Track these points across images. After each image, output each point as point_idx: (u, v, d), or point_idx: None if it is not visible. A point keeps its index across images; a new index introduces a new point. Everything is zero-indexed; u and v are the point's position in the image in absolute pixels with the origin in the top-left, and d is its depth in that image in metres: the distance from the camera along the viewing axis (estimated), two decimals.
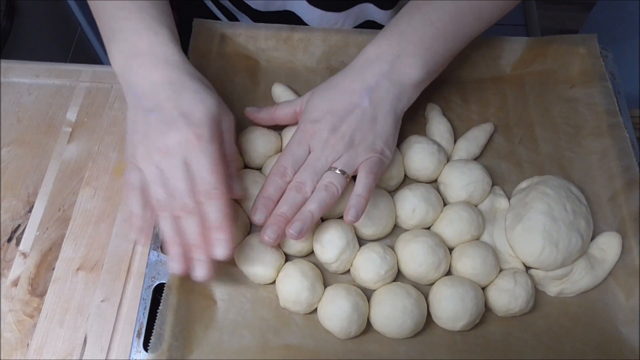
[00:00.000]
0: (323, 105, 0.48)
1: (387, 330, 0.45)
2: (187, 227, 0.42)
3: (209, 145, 0.42)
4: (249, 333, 0.45)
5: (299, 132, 0.48)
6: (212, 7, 0.70)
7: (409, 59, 0.48)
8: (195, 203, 0.41)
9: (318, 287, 0.46)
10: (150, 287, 0.46)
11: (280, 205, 0.45)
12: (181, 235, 0.42)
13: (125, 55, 0.45)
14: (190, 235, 0.42)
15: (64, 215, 0.52)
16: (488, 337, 0.47)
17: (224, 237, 0.42)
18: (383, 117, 0.47)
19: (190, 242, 0.42)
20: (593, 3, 1.40)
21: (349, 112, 0.47)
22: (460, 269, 0.48)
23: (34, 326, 0.46)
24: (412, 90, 0.49)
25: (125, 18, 0.45)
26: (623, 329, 0.47)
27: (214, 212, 0.41)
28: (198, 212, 0.41)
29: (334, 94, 0.48)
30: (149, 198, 0.42)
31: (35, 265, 0.49)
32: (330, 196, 0.45)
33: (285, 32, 0.59)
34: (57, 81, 0.61)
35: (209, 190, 0.41)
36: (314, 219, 0.44)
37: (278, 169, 0.46)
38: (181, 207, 0.41)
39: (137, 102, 0.44)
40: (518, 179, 0.54)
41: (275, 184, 0.46)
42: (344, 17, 0.62)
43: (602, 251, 0.49)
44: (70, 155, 0.56)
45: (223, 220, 0.41)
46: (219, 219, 0.41)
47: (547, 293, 0.49)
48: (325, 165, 0.46)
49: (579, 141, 0.57)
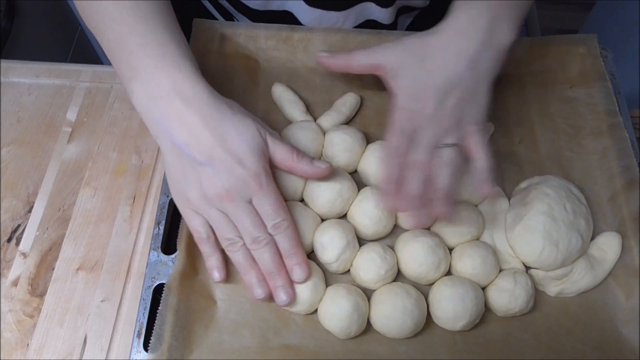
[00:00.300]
0: (421, 79, 0.45)
1: (387, 330, 0.45)
2: (262, 257, 0.44)
3: (267, 182, 0.43)
4: (249, 333, 0.45)
5: (402, 111, 0.45)
6: (210, 7, 0.70)
7: (504, 22, 0.45)
8: (267, 234, 0.44)
9: (319, 287, 0.46)
10: (150, 287, 0.46)
11: (410, 186, 0.44)
12: (256, 264, 0.45)
13: (151, 96, 0.43)
14: (266, 264, 0.44)
15: (64, 215, 0.52)
16: (488, 337, 0.47)
17: (299, 260, 0.45)
18: (483, 87, 0.46)
19: (267, 270, 0.44)
20: (593, 3, 1.40)
21: (451, 85, 0.44)
22: (460, 269, 0.48)
23: (33, 326, 0.46)
24: (505, 55, 0.47)
25: (147, 56, 0.43)
26: (623, 329, 0.47)
27: (285, 242, 0.44)
28: (270, 242, 0.44)
29: (431, 66, 0.45)
30: (219, 239, 0.45)
31: (35, 265, 0.49)
32: (456, 171, 0.44)
33: (285, 32, 0.59)
34: (57, 81, 0.61)
35: (277, 224, 0.44)
36: (452, 197, 0.44)
37: (392, 151, 0.45)
38: (252, 241, 0.43)
39: (180, 150, 0.42)
40: (518, 179, 0.54)
41: (396, 165, 0.44)
42: (344, 16, 0.62)
43: (602, 251, 0.49)
44: (70, 155, 0.56)
45: (295, 246, 0.45)
46: (292, 246, 0.44)
47: (547, 293, 0.49)
48: (437, 142, 0.44)
49: (579, 141, 0.57)
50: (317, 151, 0.53)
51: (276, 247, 0.44)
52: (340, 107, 0.57)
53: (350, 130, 0.53)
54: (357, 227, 0.49)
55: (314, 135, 0.53)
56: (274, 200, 0.44)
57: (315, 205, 0.50)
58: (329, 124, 0.55)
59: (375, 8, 0.61)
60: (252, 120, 0.45)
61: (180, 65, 0.43)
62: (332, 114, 0.56)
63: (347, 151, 0.52)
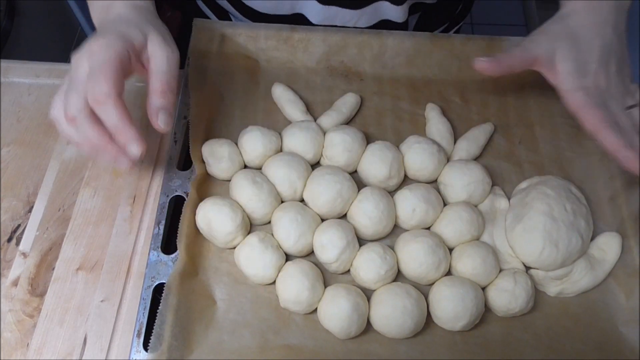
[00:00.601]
0: (580, 58, 0.47)
1: (387, 330, 0.45)
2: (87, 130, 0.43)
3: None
4: (249, 333, 0.45)
5: (579, 91, 0.46)
6: (207, 12, 0.70)
7: None
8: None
9: (318, 287, 0.46)
10: (150, 287, 0.46)
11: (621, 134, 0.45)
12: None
13: (105, 9, 0.48)
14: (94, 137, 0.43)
15: (64, 215, 0.52)
16: (488, 337, 0.47)
17: (128, 137, 0.42)
18: (624, 47, 0.48)
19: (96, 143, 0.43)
20: None
21: (607, 53, 0.47)
22: (460, 269, 0.48)
23: (33, 326, 0.46)
24: (626, 18, 0.49)
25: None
26: (623, 329, 0.47)
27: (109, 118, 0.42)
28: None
29: (584, 44, 0.47)
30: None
31: (35, 265, 0.49)
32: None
33: (286, 32, 0.59)
34: (57, 81, 0.61)
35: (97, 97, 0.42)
36: None
37: (606, 120, 0.45)
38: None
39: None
40: (518, 179, 0.54)
41: (616, 132, 0.45)
42: (359, 15, 0.62)
43: (602, 251, 0.49)
44: (70, 155, 0.56)
45: (120, 123, 0.42)
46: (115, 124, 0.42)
47: (547, 293, 0.49)
48: (623, 107, 0.46)
49: (579, 141, 0.57)
50: (317, 151, 0.53)
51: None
52: (340, 107, 0.57)
53: (350, 130, 0.53)
54: (357, 227, 0.49)
55: (314, 135, 0.53)
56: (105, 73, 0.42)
57: (315, 205, 0.50)
58: (329, 124, 0.55)
59: (389, 6, 0.61)
60: (157, 31, 0.46)
61: None
62: (332, 114, 0.56)
63: (347, 151, 0.52)
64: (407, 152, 0.53)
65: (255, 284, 0.48)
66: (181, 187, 0.51)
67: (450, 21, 0.70)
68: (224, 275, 0.48)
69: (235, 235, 0.48)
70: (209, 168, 0.52)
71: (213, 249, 0.49)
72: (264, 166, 0.52)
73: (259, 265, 0.46)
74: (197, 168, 0.51)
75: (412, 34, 0.60)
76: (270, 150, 0.52)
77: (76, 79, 0.43)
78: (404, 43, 0.60)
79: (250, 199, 0.49)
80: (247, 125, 0.54)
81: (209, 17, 0.70)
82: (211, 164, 0.52)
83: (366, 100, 0.59)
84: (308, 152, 0.53)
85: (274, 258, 0.47)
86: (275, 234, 0.49)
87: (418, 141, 0.53)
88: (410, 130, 0.57)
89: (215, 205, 0.48)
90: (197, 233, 0.49)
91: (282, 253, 0.48)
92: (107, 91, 0.42)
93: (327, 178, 0.50)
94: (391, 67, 0.61)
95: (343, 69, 0.61)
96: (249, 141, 0.52)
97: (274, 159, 0.52)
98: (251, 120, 0.57)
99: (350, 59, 0.61)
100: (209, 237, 0.49)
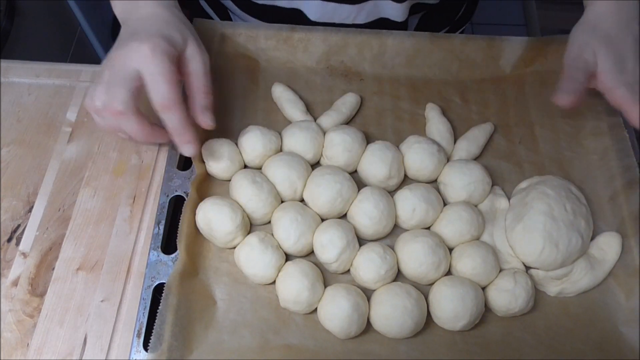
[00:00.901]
0: (617, 54, 0.49)
1: (387, 330, 0.45)
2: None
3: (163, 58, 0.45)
4: (249, 333, 0.45)
5: (625, 88, 0.48)
6: (206, 7, 0.70)
7: None
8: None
9: (318, 287, 0.46)
10: (150, 287, 0.46)
11: None
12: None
13: (134, 4, 0.50)
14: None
15: (64, 215, 0.52)
16: (488, 337, 0.46)
17: (188, 139, 0.47)
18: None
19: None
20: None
21: (637, 44, 0.49)
22: (461, 269, 0.48)
23: (33, 326, 0.46)
24: None
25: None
26: (623, 329, 0.47)
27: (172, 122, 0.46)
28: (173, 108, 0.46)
29: (618, 44, 0.50)
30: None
31: (35, 265, 0.49)
32: None
33: (285, 32, 0.59)
34: (57, 81, 0.61)
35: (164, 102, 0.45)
36: None
37: None
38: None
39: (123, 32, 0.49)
40: (518, 179, 0.54)
41: None
42: (357, 10, 0.62)
43: (602, 251, 0.49)
44: (70, 155, 0.56)
45: (181, 127, 0.46)
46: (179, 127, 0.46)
47: (547, 293, 0.49)
48: None
49: (579, 141, 0.57)
50: (317, 151, 0.53)
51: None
52: (340, 107, 0.57)
53: (350, 130, 0.53)
54: (357, 227, 0.49)
55: (313, 135, 0.53)
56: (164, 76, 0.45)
57: (315, 205, 0.50)
58: (329, 124, 0.55)
59: (389, 4, 0.61)
60: (188, 34, 0.49)
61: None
62: (332, 113, 0.56)
63: (347, 151, 0.52)
64: (407, 152, 0.53)
65: (255, 284, 0.48)
66: (181, 187, 0.51)
67: (452, 24, 0.70)
68: (224, 275, 0.48)
69: (235, 235, 0.48)
70: (208, 168, 0.52)
71: (213, 249, 0.49)
72: (264, 166, 0.52)
73: (259, 265, 0.46)
74: (197, 168, 0.51)
75: (412, 33, 0.60)
76: (270, 150, 0.52)
77: (121, 75, 0.45)
78: (403, 43, 0.60)
79: (250, 199, 0.49)
80: (247, 125, 0.54)
81: (209, 14, 0.70)
82: (211, 164, 0.52)
83: (366, 100, 0.59)
84: (308, 152, 0.53)
85: (274, 258, 0.47)
86: (275, 234, 0.49)
87: (418, 141, 0.53)
88: (410, 130, 0.57)
89: (215, 205, 0.48)
90: (197, 233, 0.49)
91: (282, 253, 0.48)
92: (173, 97, 0.45)
93: (327, 178, 0.50)
94: (391, 67, 0.61)
95: (343, 68, 0.61)
96: (248, 141, 0.52)
97: (274, 159, 0.52)
98: (251, 120, 0.57)
99: (350, 58, 0.61)
100: (209, 237, 0.49)
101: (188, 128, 0.46)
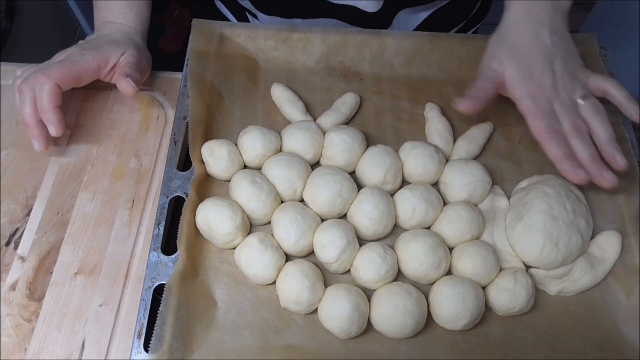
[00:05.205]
0: (523, 64, 0.49)
1: (388, 330, 0.45)
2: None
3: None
4: (249, 333, 0.45)
5: (527, 97, 0.48)
6: (223, 9, 0.70)
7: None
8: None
9: (318, 287, 0.46)
10: (150, 288, 0.46)
11: (582, 153, 0.47)
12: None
13: (100, 23, 0.61)
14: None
15: (63, 218, 0.52)
16: (488, 337, 0.46)
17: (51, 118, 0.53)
18: (568, 41, 0.51)
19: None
20: (593, 3, 1.40)
21: (549, 53, 0.49)
22: (461, 268, 0.47)
23: (31, 330, 0.46)
24: (567, 16, 0.52)
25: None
26: (623, 328, 0.47)
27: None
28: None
29: (524, 52, 0.49)
30: None
31: (33, 269, 0.49)
32: (605, 115, 0.48)
33: (285, 32, 0.59)
34: None
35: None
36: (614, 139, 0.48)
37: (549, 131, 0.47)
38: None
39: None
40: (518, 178, 0.54)
41: (561, 142, 0.47)
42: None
43: (602, 250, 0.49)
44: (69, 158, 0.56)
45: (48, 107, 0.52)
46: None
47: (548, 292, 0.49)
48: (572, 102, 0.48)
49: None
50: (316, 151, 0.53)
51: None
52: (339, 107, 0.57)
53: (349, 131, 0.53)
54: (357, 227, 0.49)
55: (313, 135, 0.53)
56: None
57: (315, 205, 0.50)
58: (329, 124, 0.55)
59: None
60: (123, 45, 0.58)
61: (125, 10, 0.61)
62: (332, 114, 0.56)
63: (347, 151, 0.52)
64: (407, 158, 0.52)
65: (256, 285, 0.48)
66: (181, 188, 0.51)
67: (466, 21, 0.70)
68: (224, 275, 0.48)
69: (235, 235, 0.48)
70: (208, 168, 0.52)
71: (213, 250, 0.49)
72: (264, 166, 0.52)
73: (259, 265, 0.46)
74: (196, 168, 0.51)
75: (412, 33, 0.60)
76: (269, 150, 0.52)
77: (46, 64, 0.55)
78: (403, 43, 0.60)
79: (250, 200, 0.49)
80: (247, 125, 0.54)
81: (226, 16, 0.70)
82: (211, 165, 0.52)
83: (365, 100, 0.59)
84: (308, 152, 0.53)
85: (274, 258, 0.47)
86: (275, 234, 0.49)
87: (415, 146, 0.53)
88: (410, 129, 0.57)
89: (215, 206, 0.48)
90: (197, 234, 0.49)
91: (282, 253, 0.48)
92: (50, 78, 0.52)
93: (326, 178, 0.50)
94: (390, 67, 0.61)
95: (342, 68, 0.61)
96: (248, 141, 0.52)
97: (274, 159, 0.52)
98: (251, 120, 0.56)
99: (349, 58, 0.61)
100: (209, 237, 0.49)
101: (53, 109, 0.52)
